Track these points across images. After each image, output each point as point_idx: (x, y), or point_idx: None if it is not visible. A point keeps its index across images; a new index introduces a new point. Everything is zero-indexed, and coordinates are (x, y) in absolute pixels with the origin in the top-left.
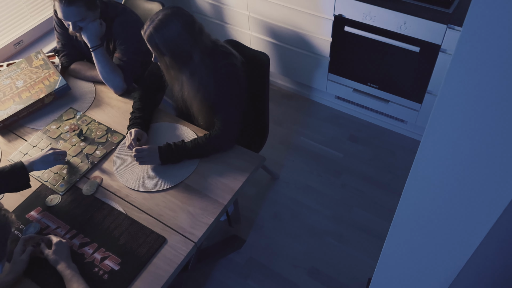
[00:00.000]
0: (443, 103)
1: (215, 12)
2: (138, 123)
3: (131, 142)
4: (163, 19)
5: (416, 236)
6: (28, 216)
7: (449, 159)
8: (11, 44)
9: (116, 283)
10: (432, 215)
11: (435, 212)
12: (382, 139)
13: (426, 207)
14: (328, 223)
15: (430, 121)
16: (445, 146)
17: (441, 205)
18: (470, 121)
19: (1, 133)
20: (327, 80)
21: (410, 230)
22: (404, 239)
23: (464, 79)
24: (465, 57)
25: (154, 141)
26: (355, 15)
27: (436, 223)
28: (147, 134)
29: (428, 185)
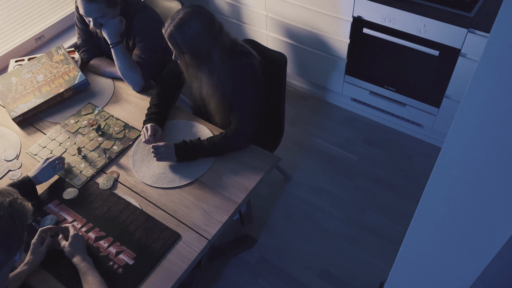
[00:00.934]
0: (467, 109)
1: (232, 11)
2: (154, 119)
3: (148, 137)
4: (183, 17)
5: (433, 243)
6: (45, 208)
7: (471, 166)
8: (33, 39)
9: (130, 278)
10: (450, 223)
11: (454, 220)
12: (397, 142)
13: (445, 215)
14: (341, 225)
15: (452, 128)
16: (467, 154)
17: (460, 213)
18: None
19: (21, 126)
20: (344, 81)
21: (427, 237)
22: (420, 245)
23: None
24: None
25: (171, 138)
26: (374, 17)
27: (454, 231)
28: (162, 130)
29: (447, 193)
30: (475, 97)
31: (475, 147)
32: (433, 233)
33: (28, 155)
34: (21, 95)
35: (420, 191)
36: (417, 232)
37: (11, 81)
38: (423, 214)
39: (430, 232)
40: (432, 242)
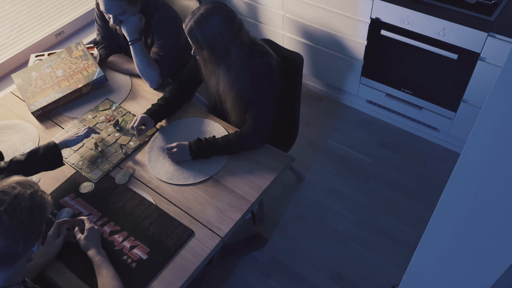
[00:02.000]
0: (488, 115)
1: (249, 11)
2: (152, 110)
3: (133, 126)
4: (204, 13)
5: (448, 250)
6: (62, 201)
7: (490, 172)
8: (53, 35)
9: (143, 272)
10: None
11: (470, 227)
12: (412, 146)
13: (461, 221)
14: (353, 228)
15: (472, 134)
16: (486, 160)
17: (477, 220)
18: None
19: (40, 120)
20: (359, 83)
21: (442, 243)
22: (435, 251)
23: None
24: None
25: (186, 136)
26: (393, 19)
27: (470, 238)
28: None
29: (465, 199)
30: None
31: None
32: (448, 240)
33: None
34: (41, 89)
35: (434, 195)
36: (432, 238)
37: (31, 76)
38: (439, 220)
39: (446, 238)
40: (448, 248)
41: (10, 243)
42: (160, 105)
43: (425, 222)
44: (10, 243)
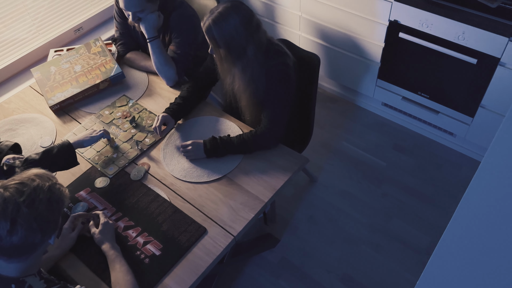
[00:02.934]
0: None
1: (266, 10)
2: (172, 109)
3: (155, 127)
4: (222, 12)
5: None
6: (77, 195)
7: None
8: (72, 30)
9: (156, 268)
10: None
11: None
12: (428, 150)
13: (479, 230)
14: (365, 231)
15: (494, 142)
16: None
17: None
18: None
19: (57, 114)
20: (376, 86)
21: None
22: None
23: None
24: None
25: (201, 134)
26: (411, 21)
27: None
28: (176, 122)
29: (484, 207)
30: None
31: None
32: (465, 248)
33: None
34: (59, 84)
35: (449, 201)
36: (448, 245)
37: (50, 70)
38: (456, 228)
39: (463, 246)
40: (464, 257)
41: (28, 234)
42: (179, 104)
43: (439, 228)
44: (28, 234)
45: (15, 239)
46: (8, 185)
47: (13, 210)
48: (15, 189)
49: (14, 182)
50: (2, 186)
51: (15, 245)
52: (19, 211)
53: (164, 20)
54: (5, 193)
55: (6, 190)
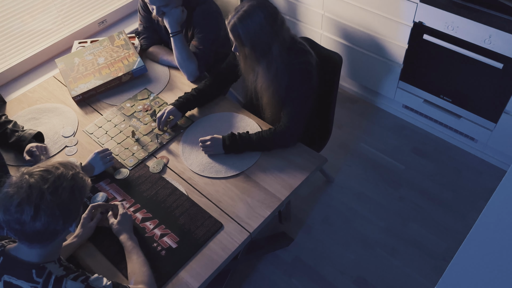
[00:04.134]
0: None
1: (288, 8)
2: (179, 102)
3: (158, 117)
4: (248, 10)
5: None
6: (97, 185)
7: None
8: (96, 23)
9: (172, 260)
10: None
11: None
12: (448, 155)
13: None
14: (381, 234)
15: None
16: None
17: None
18: None
19: (80, 105)
20: (397, 87)
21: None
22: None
23: None
24: None
25: (220, 129)
26: (437, 24)
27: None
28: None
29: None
30: None
31: None
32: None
33: (84, 133)
34: (82, 75)
35: (468, 207)
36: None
37: (73, 61)
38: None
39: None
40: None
41: (50, 220)
42: (192, 95)
43: (456, 234)
44: (50, 220)
45: (38, 225)
46: (33, 172)
47: (37, 197)
48: (40, 176)
49: (39, 169)
50: (28, 172)
51: (37, 230)
52: (43, 198)
53: (188, 16)
54: (30, 180)
55: (32, 176)
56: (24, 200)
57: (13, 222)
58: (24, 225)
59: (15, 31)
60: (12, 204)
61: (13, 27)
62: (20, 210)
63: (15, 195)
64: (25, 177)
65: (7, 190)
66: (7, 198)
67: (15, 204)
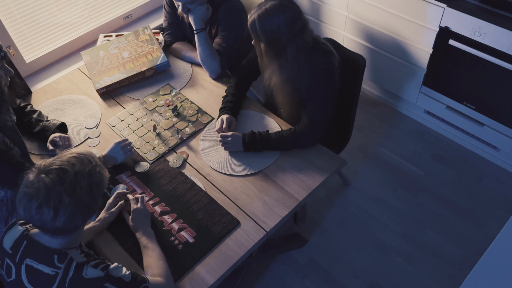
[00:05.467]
0: None
1: (312, 9)
2: (230, 108)
3: (223, 129)
4: (269, 8)
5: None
6: (118, 177)
7: None
8: (121, 17)
9: (189, 255)
10: None
11: None
12: (469, 163)
13: None
14: (397, 240)
15: None
16: None
17: None
18: None
19: (103, 98)
20: (419, 92)
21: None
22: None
23: None
24: None
25: (240, 127)
26: (463, 29)
27: None
28: (236, 120)
29: None
30: None
31: None
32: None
33: (107, 126)
34: (107, 68)
35: (487, 217)
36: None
37: (99, 55)
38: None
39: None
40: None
41: (70, 219)
42: (233, 101)
43: (474, 243)
44: (70, 219)
45: (58, 223)
46: (49, 170)
47: (55, 199)
48: (56, 176)
49: (55, 167)
50: (44, 170)
51: (58, 228)
52: (61, 200)
53: (212, 13)
54: (46, 179)
55: (48, 175)
56: (43, 203)
57: (34, 221)
58: (45, 224)
59: (43, 22)
60: (32, 206)
61: (41, 19)
62: (40, 211)
63: (34, 197)
64: (41, 176)
65: (25, 190)
66: (27, 199)
67: (35, 206)
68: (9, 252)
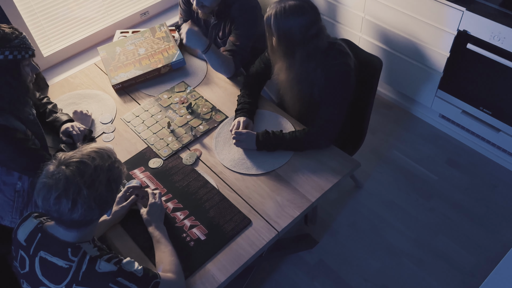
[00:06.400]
0: None
1: (328, 9)
2: (246, 109)
3: (236, 131)
4: (287, 9)
5: None
6: (131, 172)
7: None
8: (138, 14)
9: (200, 252)
10: None
11: None
12: (483, 169)
13: None
14: (409, 244)
15: None
16: None
17: None
18: None
19: (119, 93)
20: (435, 96)
21: None
22: None
23: None
24: None
25: (254, 126)
26: (482, 33)
27: None
28: (253, 121)
29: None
30: None
31: None
32: None
33: (122, 121)
34: (123, 64)
35: (501, 224)
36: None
37: (115, 50)
38: None
39: None
40: None
41: (87, 213)
42: (250, 102)
43: (486, 250)
44: (87, 213)
45: (75, 216)
46: (69, 162)
47: (74, 191)
48: (76, 168)
49: (75, 159)
50: (65, 162)
51: (74, 220)
52: (80, 192)
53: (226, 10)
54: (67, 171)
55: (68, 167)
56: (62, 194)
57: (52, 211)
58: (62, 215)
59: (62, 17)
60: (51, 196)
61: (60, 13)
62: (58, 202)
63: (54, 187)
64: (61, 168)
65: (45, 180)
66: (46, 189)
67: (54, 197)
68: (23, 244)
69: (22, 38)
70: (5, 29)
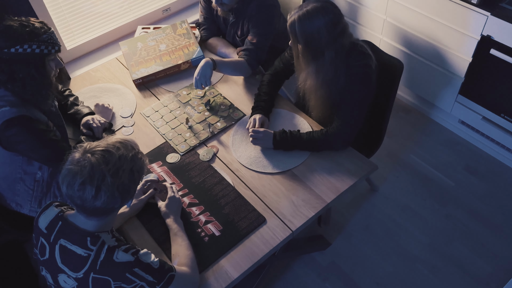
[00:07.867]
0: None
1: (350, 10)
2: (262, 107)
3: (254, 127)
4: (310, 10)
5: None
6: (149, 167)
7: None
8: (160, 10)
9: (214, 248)
10: None
11: None
12: (502, 177)
13: None
14: (423, 250)
15: None
16: None
17: None
18: None
19: (139, 88)
20: (455, 101)
21: None
22: None
23: None
24: None
25: (271, 126)
26: (507, 39)
27: None
28: (269, 119)
29: None
30: None
31: None
32: None
33: (141, 116)
34: (144, 60)
35: None
36: None
37: (136, 46)
38: None
39: None
40: None
41: (110, 200)
42: (266, 100)
43: (502, 259)
44: (110, 200)
45: (98, 203)
46: (94, 151)
47: (99, 178)
48: (101, 156)
49: (100, 148)
50: (90, 150)
51: (97, 208)
52: (104, 180)
53: (243, 8)
54: (92, 159)
55: (93, 155)
56: (87, 181)
57: (75, 198)
58: (85, 202)
59: (86, 11)
60: (76, 182)
61: (84, 8)
62: (82, 188)
63: (79, 174)
64: (87, 155)
65: (70, 167)
66: (71, 176)
67: (78, 183)
68: (44, 232)
69: (50, 33)
70: (35, 23)
